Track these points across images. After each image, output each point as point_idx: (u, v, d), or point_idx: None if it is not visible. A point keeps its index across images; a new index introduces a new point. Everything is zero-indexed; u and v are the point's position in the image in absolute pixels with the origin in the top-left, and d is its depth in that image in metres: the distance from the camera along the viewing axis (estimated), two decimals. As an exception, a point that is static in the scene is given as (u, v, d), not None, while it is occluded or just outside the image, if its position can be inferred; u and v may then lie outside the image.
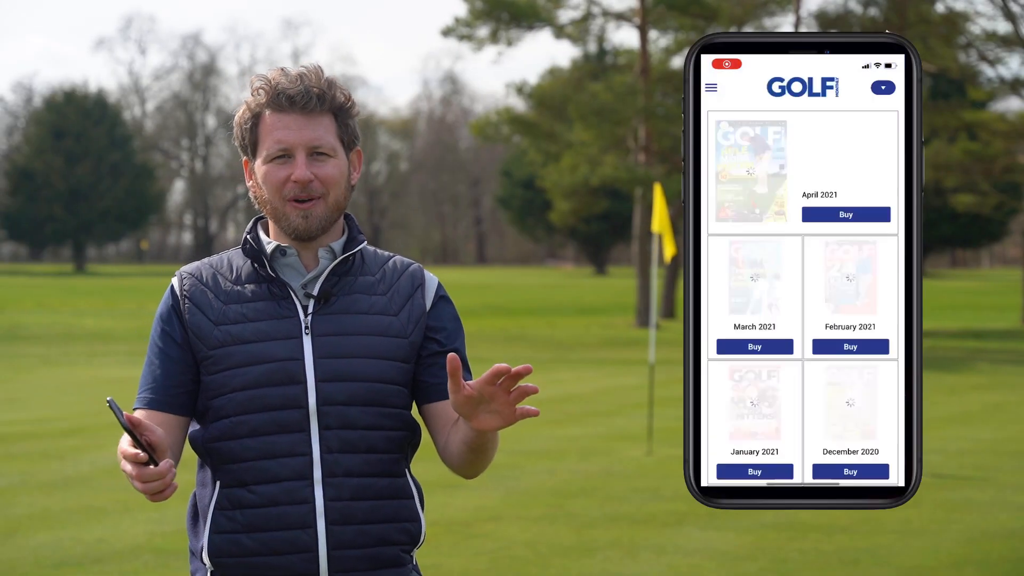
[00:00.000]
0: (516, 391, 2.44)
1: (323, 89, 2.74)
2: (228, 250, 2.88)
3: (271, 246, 2.76)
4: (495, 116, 35.46)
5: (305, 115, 2.72)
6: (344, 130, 2.78)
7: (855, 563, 7.50)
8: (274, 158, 2.73)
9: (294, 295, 2.74)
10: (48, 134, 78.20)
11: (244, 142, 2.80)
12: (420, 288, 2.82)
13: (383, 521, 2.71)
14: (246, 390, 2.68)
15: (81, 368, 21.03)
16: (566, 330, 31.18)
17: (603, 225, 72.75)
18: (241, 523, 2.67)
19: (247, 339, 2.70)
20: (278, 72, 2.75)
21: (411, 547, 2.77)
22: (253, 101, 2.77)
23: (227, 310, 2.72)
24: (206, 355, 2.71)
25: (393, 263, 2.86)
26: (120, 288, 53.39)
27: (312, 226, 2.72)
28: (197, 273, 2.78)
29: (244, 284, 2.75)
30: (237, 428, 2.69)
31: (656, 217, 12.53)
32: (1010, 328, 32.91)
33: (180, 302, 2.75)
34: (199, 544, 2.72)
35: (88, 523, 8.52)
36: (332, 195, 2.73)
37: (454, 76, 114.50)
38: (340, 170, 2.76)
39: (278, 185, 2.72)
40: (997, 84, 33.74)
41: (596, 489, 9.85)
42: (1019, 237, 72.20)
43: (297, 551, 2.66)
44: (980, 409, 15.68)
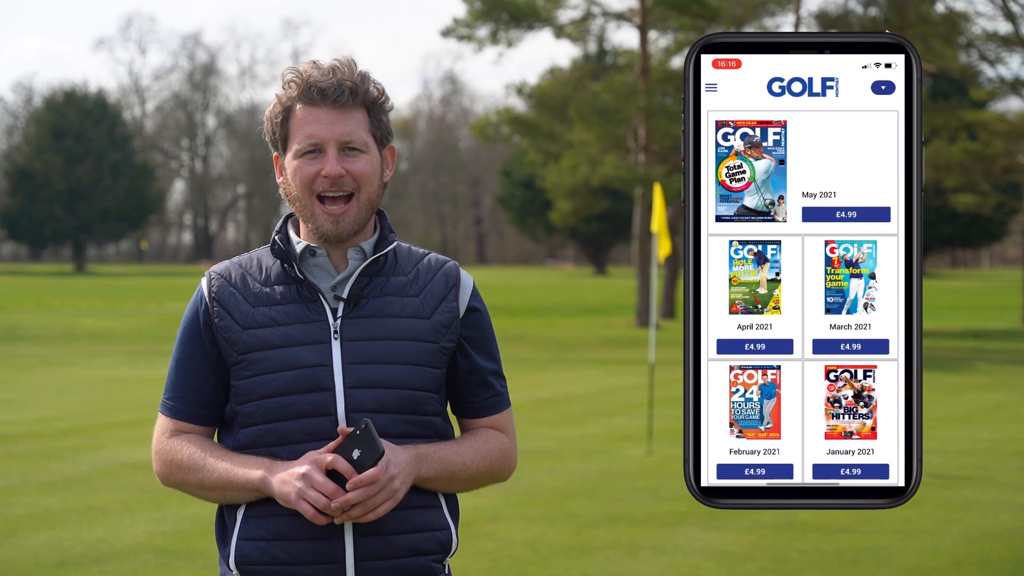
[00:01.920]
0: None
1: (356, 83, 2.66)
2: (258, 249, 2.81)
3: (300, 246, 2.69)
4: (495, 116, 35.44)
5: (337, 109, 2.64)
6: (377, 125, 2.70)
7: (855, 563, 7.50)
8: (305, 153, 2.65)
9: (323, 298, 2.66)
10: (48, 134, 78.23)
11: (275, 136, 2.71)
12: (454, 289, 2.74)
13: (412, 531, 2.65)
14: (274, 397, 2.63)
15: (81, 368, 21.02)
16: (566, 330, 31.18)
17: (603, 225, 72.78)
18: (269, 531, 2.62)
19: (275, 344, 2.63)
20: (310, 65, 2.68)
21: (443, 556, 2.71)
22: (284, 95, 2.68)
23: (255, 313, 2.66)
24: (235, 360, 2.65)
25: (427, 261, 2.76)
26: (120, 288, 53.39)
27: (343, 230, 2.65)
28: (226, 274, 2.71)
29: (273, 286, 2.68)
30: (266, 436, 2.64)
31: (655, 217, 12.54)
32: (1010, 328, 32.91)
33: (209, 305, 2.69)
34: (227, 551, 2.68)
35: (88, 523, 8.52)
36: (364, 192, 2.66)
37: (454, 76, 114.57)
38: (372, 166, 2.68)
39: (308, 180, 2.65)
40: (997, 84, 33.74)
41: (596, 489, 9.85)
42: (1019, 237, 72.20)
43: (324, 562, 2.60)
44: (980, 409, 15.68)
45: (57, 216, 77.50)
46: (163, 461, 2.73)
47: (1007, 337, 30.01)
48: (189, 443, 2.70)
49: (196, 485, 2.67)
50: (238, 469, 2.60)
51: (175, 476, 2.71)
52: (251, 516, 2.64)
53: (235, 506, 2.67)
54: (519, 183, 75.67)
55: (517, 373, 21.00)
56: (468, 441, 2.75)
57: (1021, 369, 21.85)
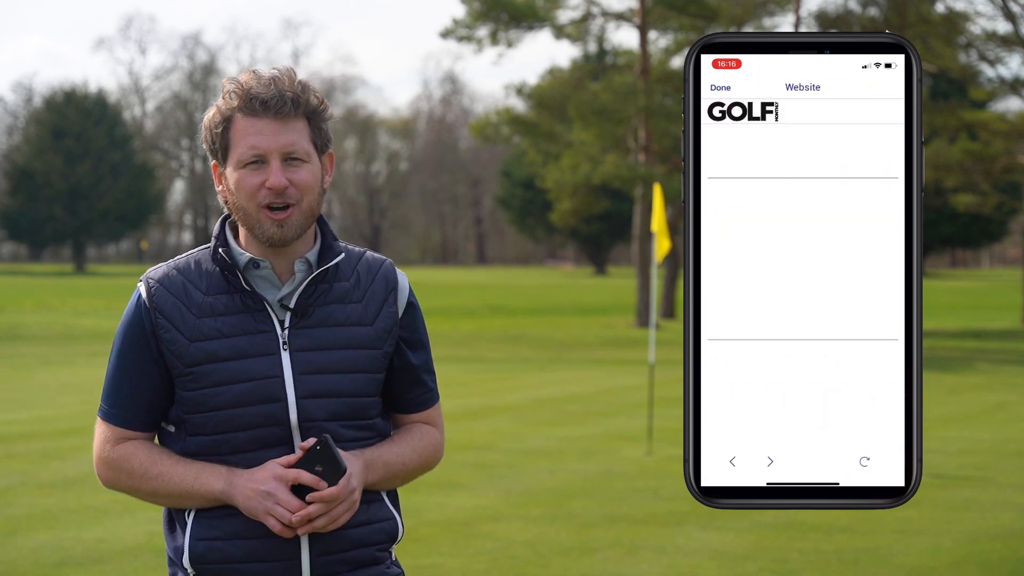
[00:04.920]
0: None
1: (297, 93, 2.67)
2: (194, 251, 2.79)
3: (244, 258, 2.69)
4: (495, 116, 35.45)
5: (279, 120, 2.65)
6: (317, 134, 2.72)
7: (855, 563, 7.50)
8: (247, 163, 2.66)
9: (270, 308, 2.69)
10: (48, 134, 78.23)
11: (214, 146, 2.71)
12: (393, 293, 2.80)
13: (361, 524, 2.73)
14: (225, 409, 2.66)
15: (81, 368, 21.02)
16: (566, 330, 31.18)
17: (603, 225, 72.78)
18: (223, 531, 2.67)
19: (224, 356, 2.65)
20: (250, 75, 2.68)
21: (389, 544, 2.80)
22: (224, 104, 2.68)
23: (201, 324, 2.66)
24: (182, 372, 2.67)
25: (366, 262, 2.81)
26: (120, 288, 53.36)
27: (287, 235, 2.66)
28: (165, 281, 2.71)
29: (216, 295, 2.69)
30: (219, 446, 2.68)
31: (655, 217, 12.55)
32: (1010, 328, 32.91)
33: (152, 315, 2.69)
34: (179, 549, 2.71)
35: (88, 523, 8.52)
36: (306, 201, 2.67)
37: (454, 76, 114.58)
38: (315, 175, 2.69)
39: (252, 191, 2.65)
40: (997, 84, 33.74)
41: (596, 489, 9.85)
42: (1019, 237, 72.19)
43: (280, 558, 2.67)
44: (980, 409, 15.68)
45: (57, 216, 77.50)
46: (111, 468, 2.75)
47: (1007, 337, 30.02)
48: (138, 450, 2.72)
49: (149, 492, 2.71)
50: (195, 480, 2.65)
51: (124, 482, 2.74)
52: (203, 516, 2.68)
53: (184, 507, 2.71)
54: (519, 183, 75.67)
55: (517, 373, 21.00)
56: (405, 440, 2.85)
57: (1021, 369, 21.85)
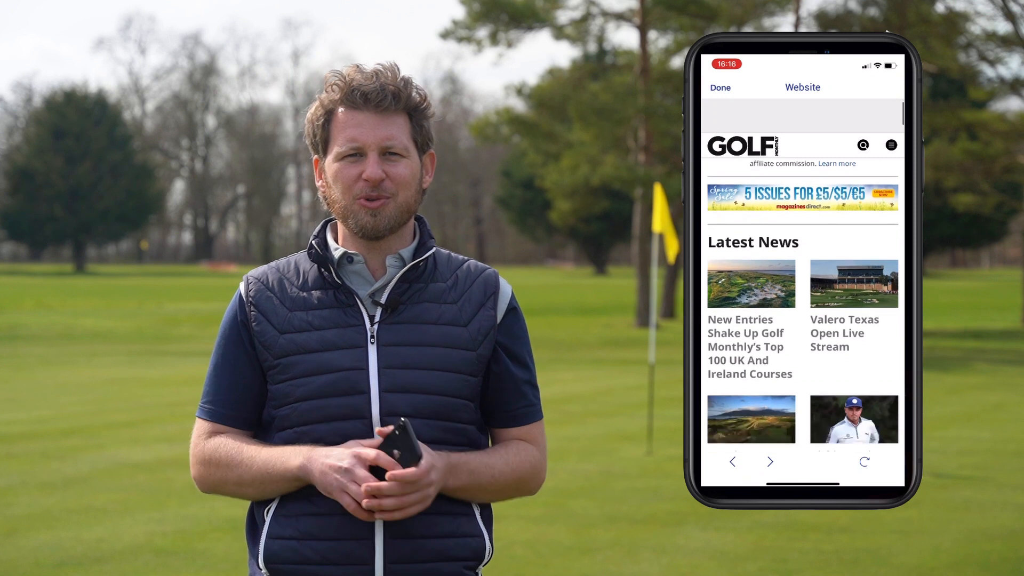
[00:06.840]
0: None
1: (399, 87, 2.66)
2: (296, 253, 2.81)
3: (338, 252, 2.69)
4: (495, 116, 35.43)
5: (379, 113, 2.65)
6: (418, 131, 2.71)
7: (855, 563, 7.50)
8: (345, 156, 2.65)
9: (361, 303, 2.67)
10: (48, 134, 78.27)
11: (315, 139, 2.71)
12: (492, 297, 2.74)
13: (442, 536, 2.64)
14: (309, 400, 2.63)
15: (81, 368, 21.02)
16: (566, 330, 31.17)
17: (603, 225, 72.78)
18: (298, 531, 2.62)
19: (312, 348, 2.63)
20: (354, 68, 2.68)
21: (475, 563, 2.69)
22: (327, 97, 2.68)
23: (292, 317, 2.66)
24: (271, 364, 2.66)
25: (466, 268, 2.76)
26: (120, 288, 53.40)
27: (381, 224, 2.65)
28: (263, 278, 2.72)
29: (310, 290, 2.68)
30: (301, 439, 2.64)
31: (657, 217, 12.53)
32: (1010, 328, 32.91)
33: (246, 308, 2.69)
34: (256, 550, 2.67)
35: (88, 523, 8.52)
36: (402, 196, 2.66)
37: (454, 76, 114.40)
38: (412, 171, 2.68)
39: (349, 183, 2.65)
40: (997, 84, 33.73)
41: (596, 489, 9.85)
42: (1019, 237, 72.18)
43: (353, 563, 2.60)
44: (980, 409, 15.68)
45: (57, 216, 77.53)
46: (201, 462, 2.71)
47: (1007, 337, 30.01)
48: (227, 440, 2.70)
49: (235, 482, 2.67)
50: (276, 460, 2.60)
51: (214, 475, 2.70)
52: (280, 515, 2.64)
53: (265, 505, 2.67)
54: (519, 183, 75.66)
55: (517, 373, 20.98)
56: (498, 452, 2.73)
57: (1021, 369, 21.85)
